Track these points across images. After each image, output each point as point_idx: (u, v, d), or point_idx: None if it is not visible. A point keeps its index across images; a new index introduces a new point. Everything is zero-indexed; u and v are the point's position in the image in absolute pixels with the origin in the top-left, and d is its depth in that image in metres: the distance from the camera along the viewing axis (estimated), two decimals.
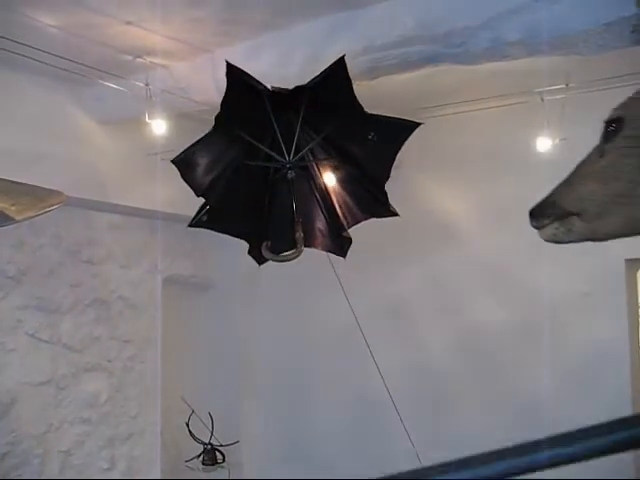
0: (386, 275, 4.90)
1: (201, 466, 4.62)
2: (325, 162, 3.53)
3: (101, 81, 3.86)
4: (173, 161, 3.25)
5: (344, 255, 3.75)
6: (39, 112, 4.02)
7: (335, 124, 3.25)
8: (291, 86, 3.12)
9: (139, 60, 3.73)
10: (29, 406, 4.06)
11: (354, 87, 3.00)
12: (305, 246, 3.50)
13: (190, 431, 4.56)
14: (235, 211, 3.60)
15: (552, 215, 1.76)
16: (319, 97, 3.11)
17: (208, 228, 3.67)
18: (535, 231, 1.89)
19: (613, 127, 1.65)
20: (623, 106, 1.68)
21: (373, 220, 3.63)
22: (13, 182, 2.08)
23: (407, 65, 3.22)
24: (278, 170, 3.45)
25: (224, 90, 3.05)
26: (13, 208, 1.92)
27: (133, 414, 4.67)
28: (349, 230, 3.66)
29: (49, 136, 4.04)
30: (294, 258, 3.30)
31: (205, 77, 3.35)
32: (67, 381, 4.28)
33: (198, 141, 3.25)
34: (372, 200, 3.51)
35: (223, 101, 3.06)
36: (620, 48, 2.88)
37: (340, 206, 3.59)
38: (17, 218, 1.92)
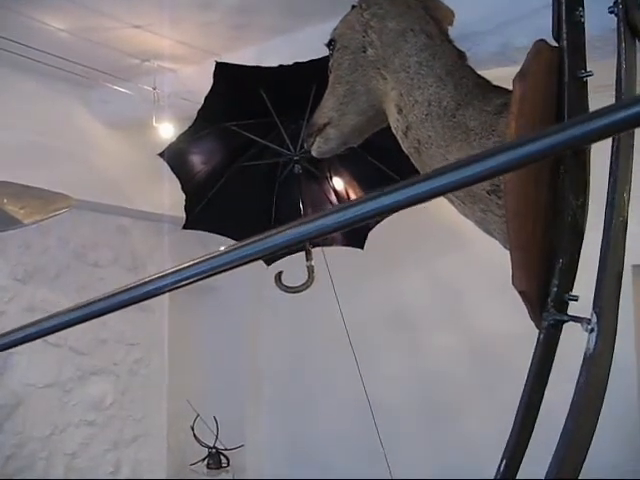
0: (394, 278, 4.89)
1: (206, 470, 4.61)
2: (341, 152, 3.41)
3: (109, 84, 3.87)
4: (160, 154, 3.25)
5: (362, 246, 3.71)
6: (47, 115, 4.03)
7: None
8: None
9: (147, 64, 3.74)
10: (34, 408, 4.06)
11: None
12: (320, 245, 3.46)
13: (195, 435, 4.55)
14: (236, 213, 3.55)
15: (314, 132, 2.11)
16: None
17: (204, 230, 3.63)
18: None
19: (331, 47, 2.05)
20: (334, 29, 2.09)
21: (380, 224, 3.60)
22: (21, 185, 2.08)
23: None
24: (285, 168, 3.38)
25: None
26: (22, 212, 1.92)
27: (138, 417, 4.66)
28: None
29: (56, 139, 4.04)
30: (305, 289, 3.29)
31: None
32: (73, 384, 4.29)
33: (183, 133, 3.21)
34: None
35: (208, 96, 2.98)
36: None
37: None
38: (25, 222, 1.92)
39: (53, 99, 4.08)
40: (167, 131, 3.73)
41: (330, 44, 2.08)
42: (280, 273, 3.34)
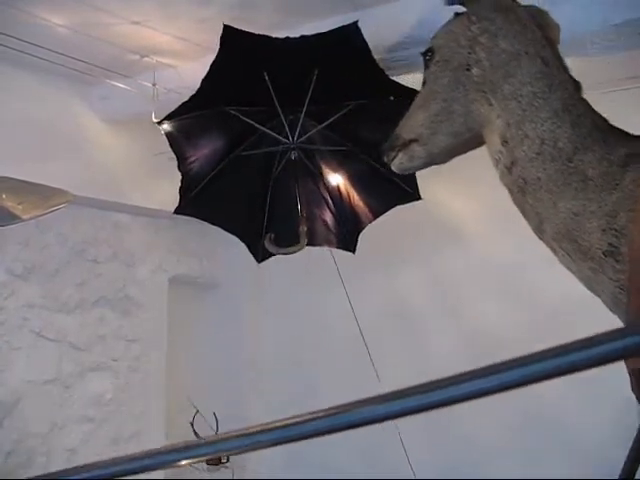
0: (393, 277, 4.89)
1: (205, 466, 4.61)
2: (337, 149, 3.38)
3: (108, 80, 3.87)
4: (159, 122, 3.23)
5: (353, 250, 3.71)
6: (45, 111, 4.02)
7: (351, 101, 3.10)
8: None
9: (146, 59, 3.73)
10: (34, 405, 4.06)
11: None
12: (312, 245, 3.46)
13: (194, 431, 4.55)
14: (229, 202, 3.54)
15: (396, 146, 1.96)
16: (331, 72, 2.99)
17: (196, 217, 3.63)
18: None
19: (428, 56, 1.89)
20: (433, 38, 1.92)
21: (379, 221, 3.60)
22: (20, 181, 2.09)
23: (415, 66, 3.21)
24: (282, 158, 3.37)
25: None
26: (20, 207, 1.92)
27: (138, 413, 4.67)
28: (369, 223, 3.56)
29: (55, 135, 4.04)
30: (296, 251, 3.28)
31: None
32: (72, 380, 4.29)
33: (184, 103, 3.16)
34: (394, 187, 3.28)
35: (214, 63, 2.95)
36: (629, 50, 2.87)
37: (357, 202, 3.48)
38: (24, 217, 1.92)
39: (52, 95, 4.07)
40: (166, 127, 3.72)
41: (427, 54, 1.91)
42: (272, 235, 3.33)
